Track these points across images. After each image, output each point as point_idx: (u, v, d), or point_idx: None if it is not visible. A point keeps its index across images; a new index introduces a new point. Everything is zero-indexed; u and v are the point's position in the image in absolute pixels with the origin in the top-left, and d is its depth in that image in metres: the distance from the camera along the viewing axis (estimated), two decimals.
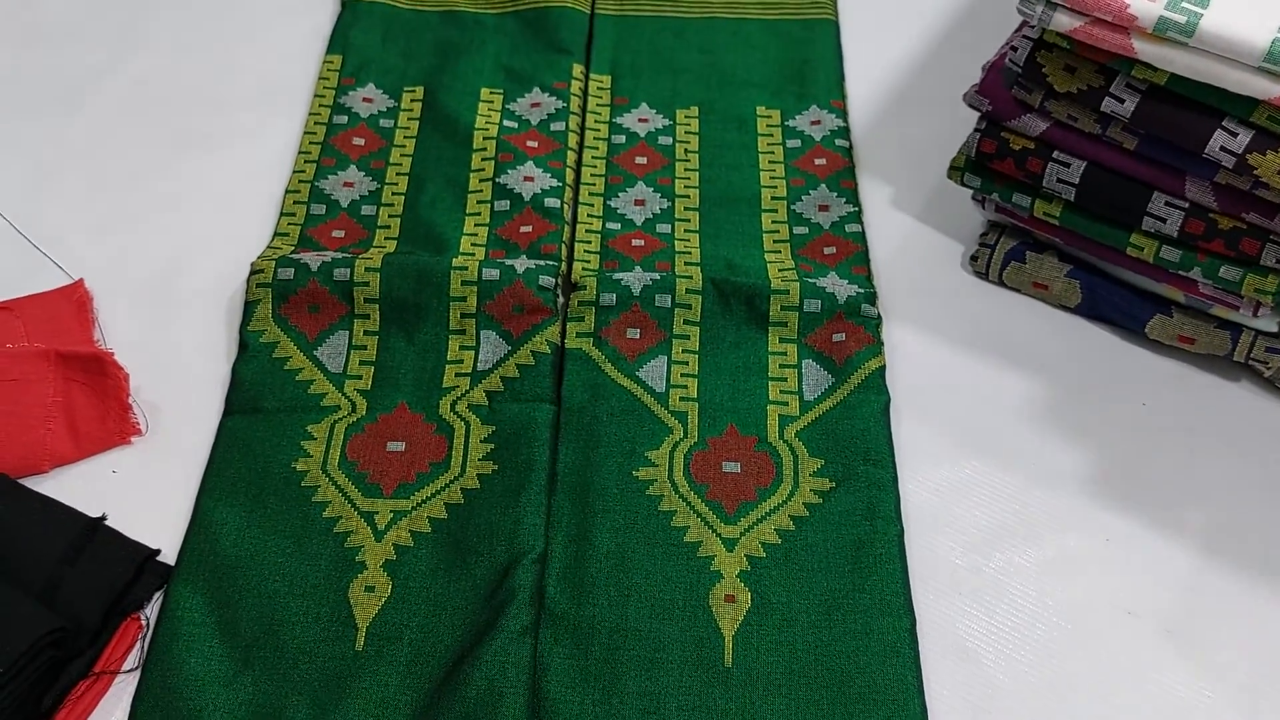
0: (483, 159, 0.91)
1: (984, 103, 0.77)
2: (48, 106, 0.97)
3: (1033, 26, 0.72)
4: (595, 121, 0.96)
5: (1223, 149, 0.67)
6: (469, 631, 0.66)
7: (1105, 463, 0.75)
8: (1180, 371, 0.80)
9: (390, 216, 0.88)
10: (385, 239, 0.86)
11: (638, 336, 0.80)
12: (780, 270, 0.83)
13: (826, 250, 0.86)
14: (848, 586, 0.68)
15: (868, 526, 0.70)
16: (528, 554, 0.68)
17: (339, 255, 0.82)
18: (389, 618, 0.67)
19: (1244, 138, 0.66)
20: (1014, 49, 0.74)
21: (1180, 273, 0.74)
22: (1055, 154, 0.76)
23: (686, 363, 0.79)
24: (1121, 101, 0.70)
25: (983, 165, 0.80)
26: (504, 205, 0.88)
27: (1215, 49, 0.64)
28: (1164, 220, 0.73)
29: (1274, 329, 0.75)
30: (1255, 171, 0.67)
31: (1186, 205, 0.72)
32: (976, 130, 0.79)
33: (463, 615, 0.67)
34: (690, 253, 0.85)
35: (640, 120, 0.96)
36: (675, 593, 0.68)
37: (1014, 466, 0.75)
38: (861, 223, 0.87)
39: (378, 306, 0.80)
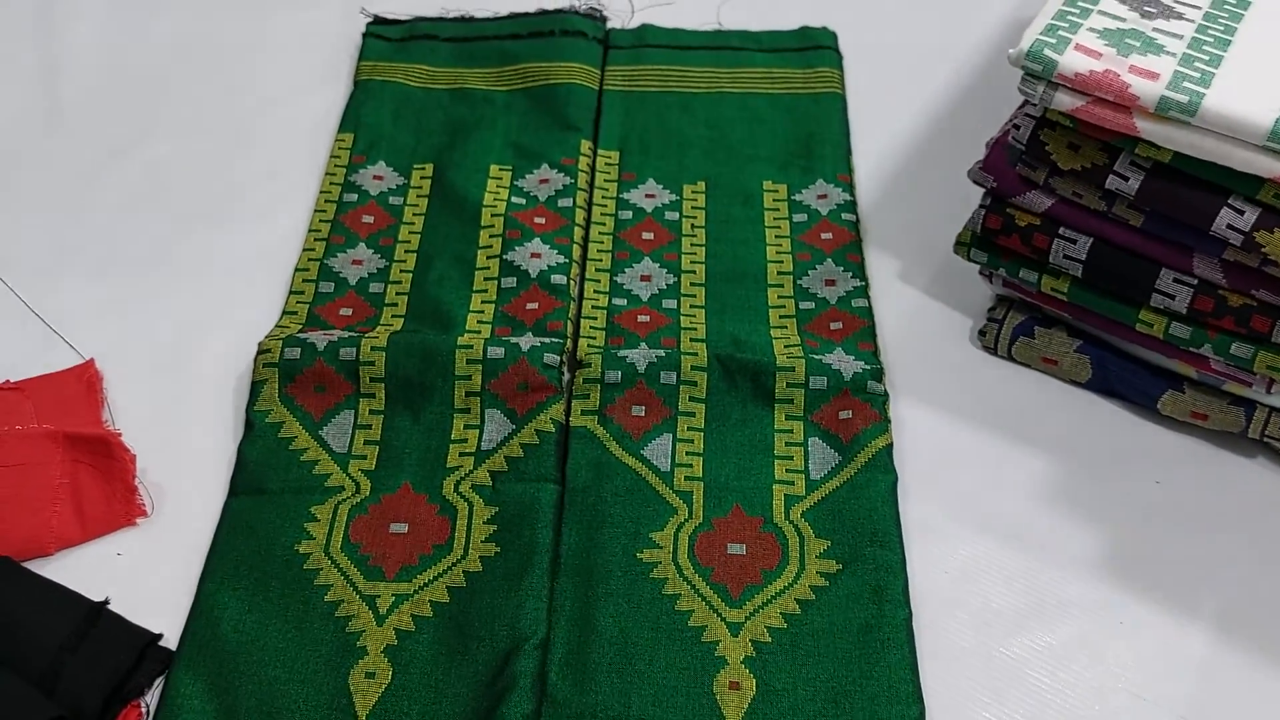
0: (490, 236, 0.92)
1: (988, 179, 0.77)
2: (65, 189, 0.99)
3: (1035, 105, 0.72)
4: (603, 197, 0.96)
5: (1229, 227, 0.67)
6: None
7: (1118, 543, 0.74)
8: (1195, 448, 0.79)
9: (398, 294, 0.88)
10: (392, 317, 0.86)
11: (643, 414, 0.80)
12: (786, 346, 0.82)
13: (833, 325, 0.85)
14: (855, 674, 0.66)
15: (875, 610, 0.69)
16: (529, 639, 0.67)
17: (345, 334, 0.83)
18: (389, 705, 0.66)
19: (1251, 215, 0.66)
20: (1017, 126, 0.74)
21: (1191, 349, 0.74)
22: (1061, 230, 0.75)
23: (692, 440, 0.78)
24: (1126, 179, 0.69)
25: (989, 241, 0.80)
26: (511, 282, 0.88)
27: (1219, 128, 0.64)
28: (1172, 297, 0.72)
29: None
30: (1263, 249, 0.66)
31: (1195, 282, 0.71)
32: (982, 206, 0.79)
33: (463, 703, 0.66)
34: (696, 328, 0.85)
35: (648, 196, 0.96)
36: (679, 680, 0.66)
37: (1025, 547, 0.74)
38: (868, 297, 0.87)
39: (383, 385, 0.80)
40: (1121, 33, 0.68)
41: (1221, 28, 0.70)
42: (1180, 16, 0.70)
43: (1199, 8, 0.71)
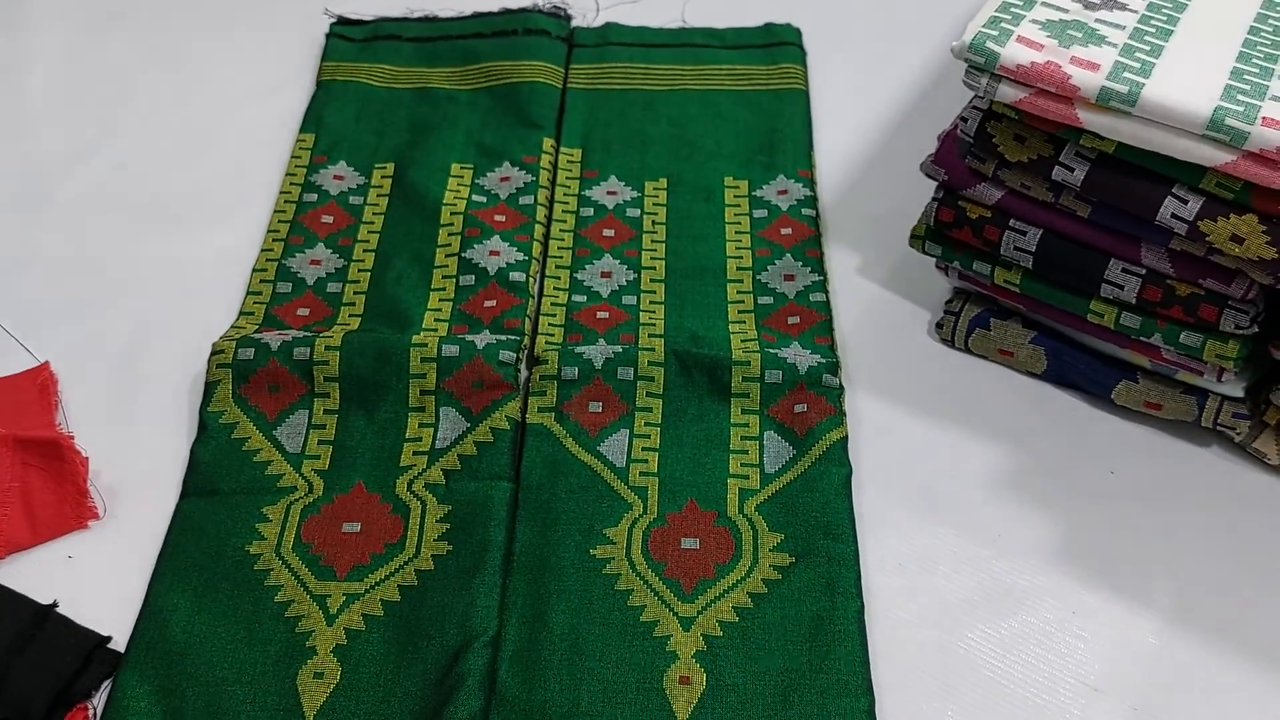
0: (449, 234, 0.91)
1: (940, 172, 0.77)
2: (25, 190, 0.98)
3: (981, 97, 0.72)
4: (564, 195, 0.96)
5: (1174, 216, 0.67)
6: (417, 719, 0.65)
7: (1073, 533, 0.74)
8: (1149, 437, 0.78)
9: (355, 293, 0.88)
10: (350, 316, 0.86)
11: (600, 410, 0.79)
12: (743, 341, 0.82)
13: (790, 320, 0.85)
14: (805, 666, 0.66)
15: (827, 603, 0.69)
16: (480, 637, 0.67)
17: (300, 334, 0.82)
18: (337, 705, 0.65)
19: (1194, 204, 0.66)
20: (965, 119, 0.74)
21: (1142, 339, 0.74)
22: (1011, 222, 0.75)
23: (648, 436, 0.78)
24: (1071, 170, 0.69)
25: (942, 234, 0.80)
26: (469, 280, 0.88)
27: (1159, 118, 0.64)
28: (1121, 287, 0.72)
29: (1240, 394, 0.74)
30: (1208, 238, 0.66)
31: (1143, 272, 0.71)
32: (934, 199, 0.79)
33: (412, 702, 0.65)
34: (654, 324, 0.85)
35: (609, 193, 0.96)
36: (629, 675, 0.66)
37: (980, 538, 0.74)
38: (826, 292, 0.87)
39: (337, 385, 0.80)
40: (1064, 24, 0.68)
41: (1164, 18, 0.70)
42: (1124, 7, 0.70)
43: None
